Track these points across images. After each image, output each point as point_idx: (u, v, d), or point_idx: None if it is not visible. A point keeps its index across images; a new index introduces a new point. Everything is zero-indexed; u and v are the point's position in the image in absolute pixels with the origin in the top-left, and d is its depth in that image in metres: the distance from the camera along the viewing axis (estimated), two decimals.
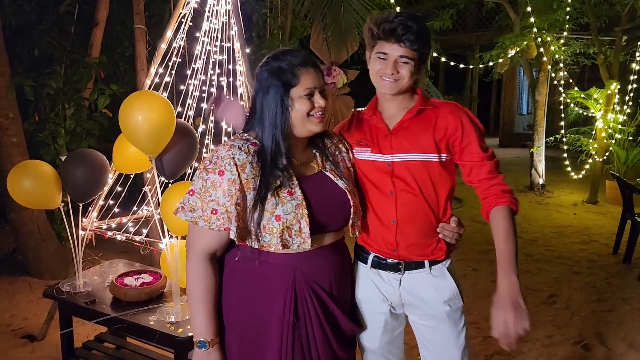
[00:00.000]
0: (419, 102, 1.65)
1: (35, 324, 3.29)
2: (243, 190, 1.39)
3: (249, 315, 1.45)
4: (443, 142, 1.62)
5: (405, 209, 1.63)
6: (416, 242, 1.65)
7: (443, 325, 1.67)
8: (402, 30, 1.51)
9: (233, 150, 1.40)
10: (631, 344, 3.12)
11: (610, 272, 4.37)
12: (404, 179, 1.62)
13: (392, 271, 1.68)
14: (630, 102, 7.19)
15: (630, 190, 4.59)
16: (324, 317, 1.47)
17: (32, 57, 4.39)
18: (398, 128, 1.64)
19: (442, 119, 1.62)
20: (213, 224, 1.38)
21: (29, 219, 3.96)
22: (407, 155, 1.62)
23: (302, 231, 1.39)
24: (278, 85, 1.41)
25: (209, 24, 2.98)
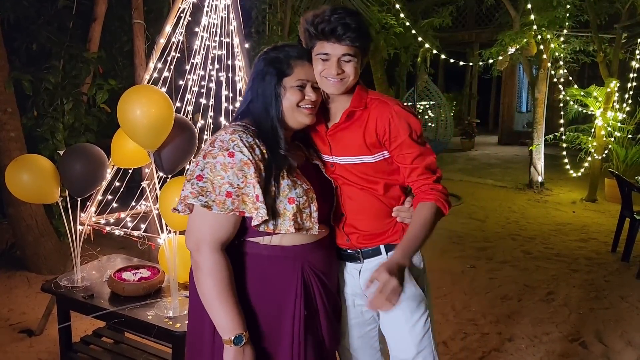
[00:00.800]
0: (352, 102, 1.58)
1: (33, 318, 3.29)
2: (259, 169, 1.35)
3: (259, 311, 1.43)
4: (376, 143, 1.58)
5: (351, 201, 1.62)
6: (368, 231, 1.63)
7: (395, 312, 1.54)
8: (342, 30, 1.45)
9: (238, 133, 1.37)
10: (629, 342, 3.13)
11: (609, 269, 4.37)
12: (345, 177, 1.62)
13: (352, 261, 1.68)
14: (630, 100, 7.19)
15: (629, 188, 4.60)
16: (330, 307, 1.52)
17: (31, 52, 4.38)
18: (334, 131, 1.60)
19: (371, 121, 1.57)
20: (228, 208, 1.33)
21: (27, 214, 3.95)
22: (344, 159, 1.61)
23: (312, 215, 1.42)
24: (273, 73, 1.45)
25: (208, 19, 2.97)
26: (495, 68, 8.23)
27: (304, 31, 1.53)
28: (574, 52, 7.62)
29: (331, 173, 1.64)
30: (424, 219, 1.53)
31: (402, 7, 6.98)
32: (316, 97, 1.49)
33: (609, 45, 7.14)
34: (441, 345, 2.94)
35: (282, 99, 1.45)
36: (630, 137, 6.98)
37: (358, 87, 1.60)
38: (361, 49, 1.52)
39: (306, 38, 1.53)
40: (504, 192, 7.57)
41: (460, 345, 3.01)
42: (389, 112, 1.55)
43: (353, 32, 1.46)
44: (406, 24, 7.15)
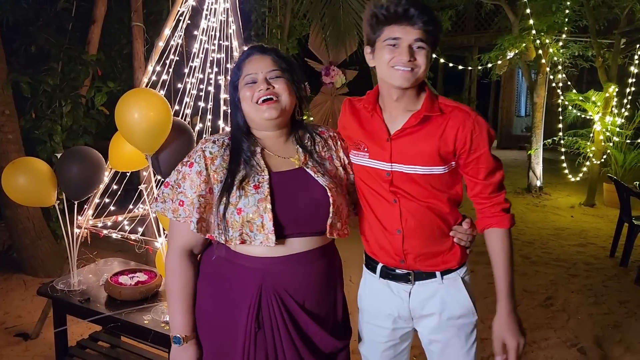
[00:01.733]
0: (426, 105, 1.45)
1: (29, 322, 3.27)
2: (209, 182, 1.39)
3: (219, 316, 1.43)
4: (450, 153, 1.47)
5: (411, 218, 1.50)
6: (425, 252, 1.53)
7: (453, 341, 1.57)
8: (415, 11, 1.35)
9: (207, 144, 1.43)
10: (627, 347, 3.12)
11: (607, 275, 4.36)
12: (404, 189, 1.49)
13: (402, 282, 1.57)
14: (628, 105, 7.20)
15: (627, 193, 4.59)
16: (293, 328, 1.39)
17: (29, 54, 4.38)
18: (400, 134, 1.47)
19: (450, 129, 1.45)
20: (180, 216, 1.39)
21: (24, 216, 3.94)
22: (408, 167, 1.47)
23: (264, 226, 1.32)
24: (230, 83, 1.46)
25: (207, 22, 2.96)
26: (494, 72, 8.23)
27: (371, 17, 1.42)
28: (573, 57, 7.63)
29: (387, 184, 1.50)
30: (509, 253, 1.50)
31: None
32: (268, 87, 1.39)
33: (607, 50, 7.15)
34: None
35: (241, 104, 1.43)
36: (629, 142, 6.99)
37: (428, 89, 1.49)
38: (432, 37, 1.40)
39: (373, 25, 1.43)
40: None
41: None
42: (472, 121, 1.44)
43: (426, 15, 1.36)
44: None
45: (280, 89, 1.41)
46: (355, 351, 1.66)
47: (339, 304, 1.53)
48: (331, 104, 5.29)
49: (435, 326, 1.57)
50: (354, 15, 4.41)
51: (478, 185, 1.50)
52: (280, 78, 1.41)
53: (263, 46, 1.47)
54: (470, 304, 1.57)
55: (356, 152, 1.56)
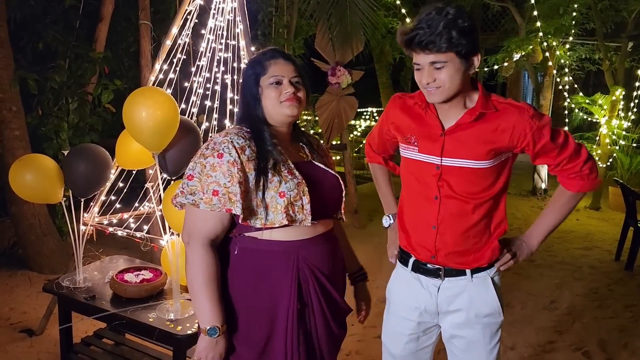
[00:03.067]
0: (480, 102, 1.50)
1: (34, 318, 3.28)
2: (244, 171, 1.43)
3: (255, 304, 1.47)
4: (503, 148, 1.52)
5: (448, 216, 1.56)
6: (456, 250, 1.58)
7: (477, 338, 1.63)
8: (423, 37, 1.40)
9: (230, 136, 1.47)
10: (633, 352, 3.10)
11: (613, 278, 4.35)
12: (451, 184, 1.55)
13: (432, 276, 1.63)
14: (635, 108, 7.16)
15: (633, 196, 4.57)
16: (325, 301, 1.52)
17: (37, 51, 4.39)
18: (454, 130, 1.52)
19: (505, 126, 1.49)
20: (215, 206, 1.41)
21: (30, 213, 3.95)
22: (459, 161, 1.52)
23: (304, 208, 1.45)
24: (251, 77, 1.54)
25: (214, 21, 2.97)
26: (500, 74, 8.21)
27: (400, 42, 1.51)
28: (580, 60, 7.60)
29: (434, 178, 1.56)
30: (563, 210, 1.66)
31: (408, 12, 6.98)
32: (293, 89, 1.51)
33: (614, 53, 7.12)
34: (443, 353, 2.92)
35: (262, 99, 1.52)
36: (635, 145, 6.95)
37: (481, 88, 1.54)
38: (455, 52, 1.42)
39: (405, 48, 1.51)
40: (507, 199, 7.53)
41: None
42: (527, 116, 1.49)
43: (436, 37, 1.39)
44: None
45: (302, 94, 1.55)
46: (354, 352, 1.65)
47: (344, 278, 1.71)
48: (337, 104, 5.28)
49: (461, 323, 1.63)
50: (361, 15, 4.40)
51: (551, 165, 1.59)
52: (301, 85, 1.55)
53: (284, 52, 1.59)
54: (497, 304, 1.62)
55: (406, 145, 1.64)
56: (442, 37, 1.39)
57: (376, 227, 5.61)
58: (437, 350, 1.83)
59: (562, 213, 1.67)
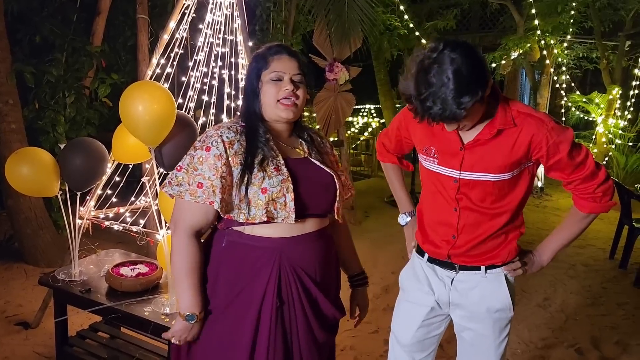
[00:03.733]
0: (499, 118, 1.48)
1: (30, 311, 3.29)
2: (229, 165, 1.44)
3: (235, 298, 1.49)
4: (521, 160, 1.52)
5: (468, 227, 1.61)
6: (472, 253, 1.63)
7: (487, 332, 1.67)
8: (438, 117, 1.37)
9: (222, 129, 1.49)
10: (625, 349, 3.13)
11: (606, 276, 4.37)
12: (470, 196, 1.57)
13: (447, 268, 1.68)
14: (632, 107, 7.20)
15: (628, 195, 4.60)
16: (307, 302, 1.51)
17: (34, 44, 4.37)
18: (473, 145, 1.52)
19: (523, 138, 1.48)
20: (199, 198, 1.43)
21: (26, 206, 3.95)
22: (478, 175, 1.54)
23: (287, 205, 1.44)
24: (253, 71, 1.54)
25: (212, 16, 2.96)
26: (498, 72, 8.22)
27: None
28: (577, 59, 7.62)
29: (453, 191, 1.58)
30: (574, 229, 1.67)
31: (406, 9, 6.98)
32: (292, 87, 1.49)
33: (612, 52, 7.15)
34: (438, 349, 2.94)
35: (260, 94, 1.52)
36: (631, 144, 6.99)
37: (501, 100, 1.50)
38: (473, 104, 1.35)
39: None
40: None
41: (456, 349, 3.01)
42: (546, 129, 1.47)
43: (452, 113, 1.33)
44: (410, 25, 7.15)
45: (301, 94, 1.53)
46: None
47: (337, 279, 1.67)
48: (334, 101, 5.29)
49: (472, 315, 1.67)
50: (359, 12, 4.40)
51: (565, 180, 1.59)
52: (302, 83, 1.53)
53: (290, 49, 1.56)
54: (509, 301, 1.65)
55: (425, 156, 1.64)
56: (459, 109, 1.33)
57: (372, 223, 5.64)
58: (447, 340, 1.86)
59: (574, 232, 1.69)
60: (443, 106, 1.32)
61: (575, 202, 1.63)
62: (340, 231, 1.74)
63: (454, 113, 1.33)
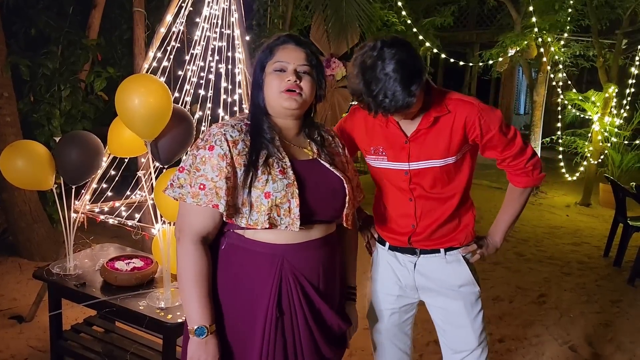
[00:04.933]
0: (434, 107, 1.59)
1: (24, 305, 3.28)
2: (234, 166, 1.35)
3: (234, 306, 1.40)
4: (461, 142, 1.61)
5: (426, 213, 1.68)
6: (432, 237, 1.71)
7: (457, 306, 1.73)
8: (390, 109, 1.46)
9: (225, 127, 1.39)
10: (618, 346, 3.15)
11: (601, 274, 4.39)
12: (421, 184, 1.65)
13: (408, 254, 1.74)
14: (627, 106, 7.22)
15: (623, 193, 4.61)
16: (310, 313, 1.41)
17: (29, 37, 4.34)
18: (415, 135, 1.61)
19: (458, 122, 1.58)
20: (201, 200, 1.33)
21: (20, 200, 3.93)
22: (425, 163, 1.62)
23: (291, 211, 1.34)
24: (258, 62, 1.46)
25: (209, 10, 2.95)
26: (494, 69, 8.23)
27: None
28: (574, 57, 7.63)
29: (405, 183, 1.66)
30: (516, 205, 1.76)
31: (403, 5, 6.96)
32: (295, 78, 1.40)
33: (608, 50, 7.16)
34: (432, 345, 2.95)
35: (263, 86, 1.44)
36: (627, 143, 7.01)
37: (433, 90, 1.60)
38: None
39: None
40: (499, 194, 7.58)
41: None
42: (477, 110, 1.58)
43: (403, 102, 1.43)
44: (407, 22, 7.14)
45: (305, 86, 1.42)
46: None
47: (341, 288, 1.60)
48: (331, 96, 5.28)
49: (439, 293, 1.74)
50: (356, 7, 4.39)
51: (499, 158, 1.68)
52: (307, 75, 1.43)
53: (300, 38, 1.47)
54: (470, 276, 1.73)
55: (374, 156, 1.70)
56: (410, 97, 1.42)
57: None
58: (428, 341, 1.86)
59: (516, 208, 1.78)
60: (395, 97, 1.41)
61: (510, 180, 1.74)
62: (347, 238, 1.64)
63: (407, 102, 1.42)
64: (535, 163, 1.68)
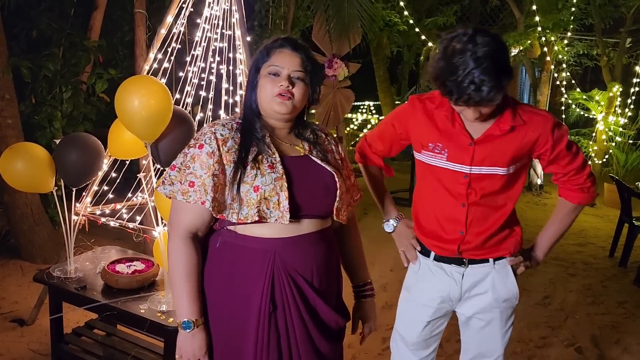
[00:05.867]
0: (510, 116, 1.53)
1: (25, 308, 3.26)
2: (222, 163, 1.39)
3: (228, 302, 1.43)
4: (526, 154, 1.60)
5: (476, 221, 1.63)
6: (484, 246, 1.67)
7: (495, 321, 1.71)
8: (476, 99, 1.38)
9: (216, 126, 1.43)
10: (625, 348, 3.11)
11: (606, 275, 4.36)
12: (479, 191, 1.60)
13: (455, 264, 1.70)
14: (632, 105, 7.18)
15: (628, 193, 4.58)
16: (304, 308, 1.43)
17: (30, 38, 4.34)
18: (483, 140, 1.56)
19: (531, 134, 1.56)
20: (190, 197, 1.37)
21: (22, 202, 3.92)
22: (489, 169, 1.58)
23: (280, 204, 1.36)
24: (254, 62, 1.49)
25: (210, 11, 2.93)
26: None
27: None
28: (578, 56, 7.59)
29: (463, 186, 1.61)
30: (566, 221, 1.74)
31: (406, 5, 6.95)
32: (289, 85, 1.42)
33: (612, 49, 7.13)
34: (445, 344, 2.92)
35: (257, 88, 1.46)
36: (631, 142, 6.97)
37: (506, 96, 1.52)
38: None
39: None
40: None
41: (455, 347, 2.99)
42: (551, 125, 1.57)
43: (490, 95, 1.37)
44: (410, 22, 7.12)
45: (297, 92, 1.44)
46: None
47: (339, 284, 1.59)
48: (333, 97, 5.26)
49: (483, 306, 1.70)
50: (359, 7, 4.37)
51: (559, 174, 1.68)
52: (300, 81, 1.45)
53: (297, 42, 1.49)
54: (516, 290, 1.71)
55: (431, 153, 1.64)
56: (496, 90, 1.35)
57: (371, 220, 5.60)
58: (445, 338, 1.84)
59: (565, 224, 1.75)
60: (482, 86, 1.33)
61: (565, 195, 1.72)
62: (348, 234, 1.66)
63: (492, 95, 1.35)
64: (593, 180, 1.68)
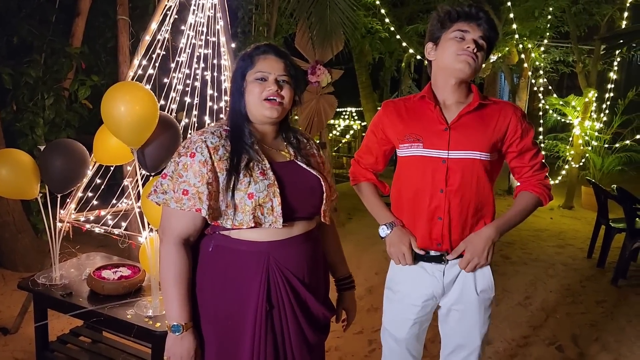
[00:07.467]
0: (477, 95, 1.65)
1: (8, 316, 3.22)
2: (215, 171, 1.42)
3: (223, 305, 1.46)
4: (499, 142, 1.66)
5: (454, 206, 1.66)
6: (461, 237, 1.70)
7: (473, 311, 1.75)
8: (483, 14, 1.60)
9: (205, 135, 1.46)
10: (604, 346, 3.19)
11: (585, 275, 4.46)
12: (457, 176, 1.64)
13: (435, 262, 1.73)
14: (607, 110, 7.34)
15: (605, 196, 4.69)
16: (297, 304, 1.49)
17: (12, 45, 4.29)
18: (457, 122, 1.63)
19: (503, 120, 1.64)
20: (184, 205, 1.41)
21: (4, 210, 3.87)
22: (464, 153, 1.63)
23: (274, 209, 1.42)
24: (238, 70, 1.53)
25: (194, 17, 2.95)
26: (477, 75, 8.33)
27: (444, 14, 1.64)
28: (554, 62, 7.76)
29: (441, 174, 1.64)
30: (525, 207, 1.74)
31: (387, 13, 7.03)
32: (277, 88, 1.48)
33: (587, 56, 7.29)
34: None
35: (245, 94, 1.50)
36: (607, 146, 7.13)
37: (475, 88, 1.68)
38: (489, 44, 1.63)
39: (443, 20, 1.64)
40: None
41: (439, 347, 3.02)
42: (520, 113, 1.66)
43: (489, 23, 1.61)
44: (391, 29, 7.21)
45: (286, 94, 1.51)
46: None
47: (326, 279, 1.67)
48: (317, 103, 5.30)
49: (459, 297, 1.75)
50: (341, 14, 4.43)
51: (525, 168, 1.73)
52: (287, 84, 1.52)
53: (279, 49, 1.55)
54: (491, 281, 1.76)
55: (407, 145, 1.70)
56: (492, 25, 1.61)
57: (355, 225, 5.65)
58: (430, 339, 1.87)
59: (523, 213, 1.77)
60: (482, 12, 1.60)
61: (529, 189, 1.75)
62: (328, 233, 1.72)
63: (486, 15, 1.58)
64: (549, 183, 1.76)
